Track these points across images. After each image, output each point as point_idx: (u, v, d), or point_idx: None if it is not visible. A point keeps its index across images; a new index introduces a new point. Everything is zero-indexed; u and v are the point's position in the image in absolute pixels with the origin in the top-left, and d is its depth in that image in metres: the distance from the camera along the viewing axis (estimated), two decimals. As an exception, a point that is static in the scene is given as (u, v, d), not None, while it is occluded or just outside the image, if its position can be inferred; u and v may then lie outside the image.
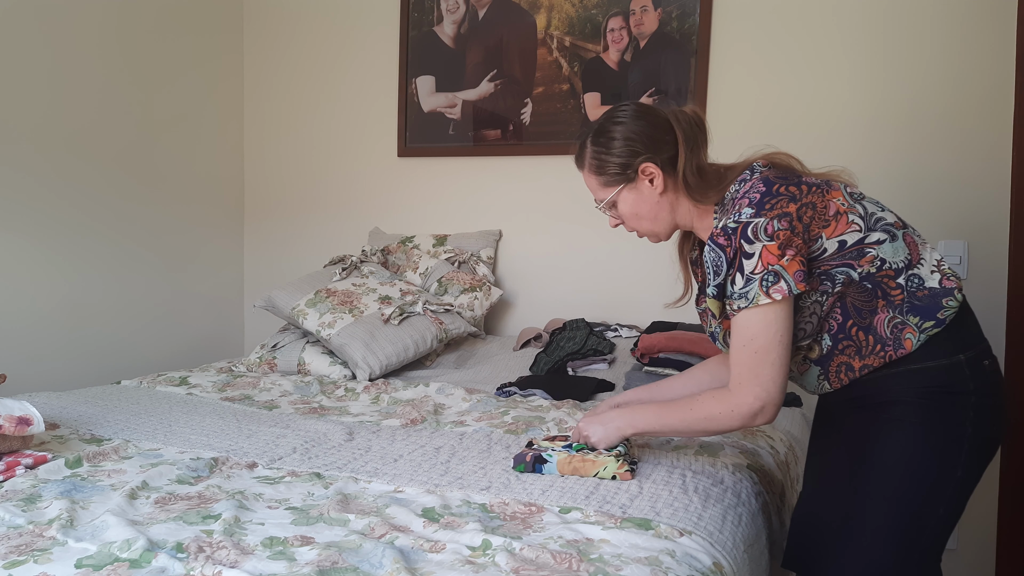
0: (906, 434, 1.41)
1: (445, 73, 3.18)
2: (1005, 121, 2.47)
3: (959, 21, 2.51)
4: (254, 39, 3.52)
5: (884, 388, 1.44)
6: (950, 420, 1.40)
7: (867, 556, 1.44)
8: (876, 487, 1.44)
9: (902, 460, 1.42)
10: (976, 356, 1.42)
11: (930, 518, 1.42)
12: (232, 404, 2.21)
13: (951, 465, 1.41)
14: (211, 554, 1.18)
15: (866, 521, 1.45)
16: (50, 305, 2.78)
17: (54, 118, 2.76)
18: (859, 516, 1.46)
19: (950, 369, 1.40)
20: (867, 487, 1.45)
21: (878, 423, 1.45)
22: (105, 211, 2.95)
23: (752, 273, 1.37)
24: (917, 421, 1.41)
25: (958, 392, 1.40)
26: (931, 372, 1.40)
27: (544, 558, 1.19)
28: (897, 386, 1.42)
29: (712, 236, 1.43)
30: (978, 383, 1.40)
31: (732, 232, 1.40)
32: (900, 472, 1.42)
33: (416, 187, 3.26)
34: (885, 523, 1.43)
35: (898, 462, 1.42)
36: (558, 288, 3.03)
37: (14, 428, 1.60)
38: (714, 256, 1.43)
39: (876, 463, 1.44)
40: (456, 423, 2.03)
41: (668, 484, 1.53)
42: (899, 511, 1.42)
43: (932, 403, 1.40)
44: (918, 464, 1.41)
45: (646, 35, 2.87)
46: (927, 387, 1.40)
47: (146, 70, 3.08)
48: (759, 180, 1.44)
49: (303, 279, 2.90)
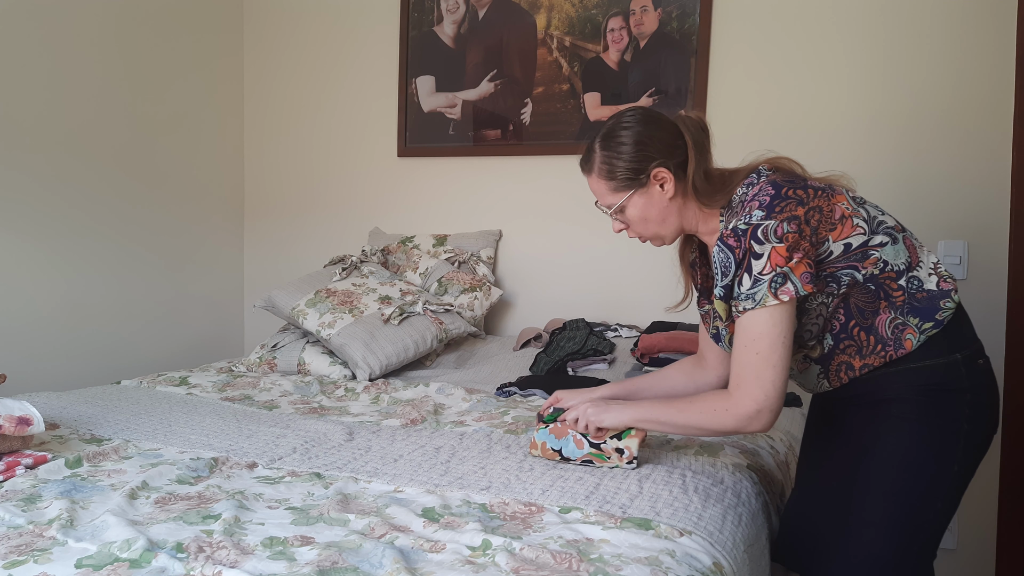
0: (904, 431, 1.44)
1: (445, 73, 3.18)
2: (1005, 121, 2.47)
3: (959, 21, 2.51)
4: (254, 39, 3.52)
5: (883, 386, 1.46)
6: (947, 416, 1.44)
7: (867, 550, 1.46)
8: (876, 483, 1.46)
9: (901, 456, 1.44)
10: (971, 355, 1.46)
11: (928, 512, 1.45)
12: (232, 404, 2.21)
13: (947, 460, 1.44)
14: (211, 554, 1.18)
15: (866, 516, 1.47)
16: (50, 305, 2.78)
17: (54, 118, 2.76)
18: (859, 511, 1.48)
19: (947, 367, 1.43)
20: (867, 483, 1.47)
21: (877, 420, 1.47)
22: (105, 211, 2.95)
23: (760, 274, 1.38)
24: (915, 418, 1.44)
25: (954, 389, 1.43)
26: (929, 370, 1.43)
27: (544, 558, 1.19)
28: (896, 384, 1.45)
29: (722, 237, 1.44)
30: (973, 381, 1.44)
31: (742, 234, 1.41)
32: (899, 468, 1.45)
33: (416, 187, 3.26)
34: (885, 518, 1.45)
35: (897, 458, 1.45)
36: (558, 288, 3.03)
37: (14, 428, 1.60)
38: (723, 257, 1.44)
39: (876, 459, 1.47)
40: (456, 423, 2.03)
41: (668, 484, 1.53)
42: (898, 506, 1.45)
43: (929, 400, 1.44)
44: (916, 460, 1.44)
45: (646, 35, 2.87)
46: (925, 385, 1.43)
47: (146, 70, 3.08)
48: (767, 183, 1.45)
49: (303, 279, 2.90)
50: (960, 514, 2.53)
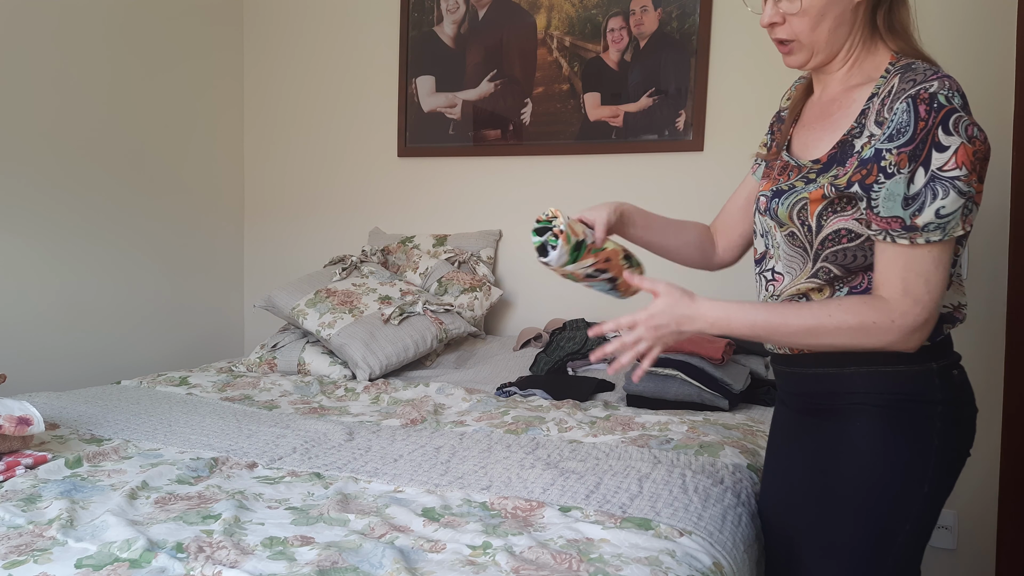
0: (870, 446, 1.29)
1: (445, 73, 3.18)
2: (1005, 121, 2.47)
3: (959, 22, 2.51)
4: (254, 39, 3.52)
5: (847, 386, 1.31)
6: (917, 432, 1.28)
7: (832, 571, 1.35)
8: (841, 501, 1.32)
9: (867, 475, 1.30)
10: (947, 366, 1.30)
11: (897, 535, 1.30)
12: (232, 404, 2.21)
13: (917, 480, 1.28)
14: (211, 554, 1.18)
15: (831, 535, 1.34)
16: (51, 305, 2.78)
17: (54, 120, 2.76)
18: (824, 529, 1.35)
19: (919, 376, 1.28)
20: (831, 500, 1.34)
21: (842, 434, 1.32)
22: (106, 211, 2.95)
23: (941, 170, 1.15)
24: (880, 433, 1.29)
25: (925, 401, 1.28)
26: (900, 376, 1.28)
27: (544, 558, 1.19)
28: (861, 387, 1.30)
29: (918, 96, 1.17)
30: (947, 393, 1.28)
31: (938, 109, 1.15)
32: (865, 486, 1.30)
33: (416, 187, 3.26)
34: (849, 541, 1.32)
35: (863, 477, 1.30)
36: (558, 288, 3.03)
37: (14, 428, 1.60)
38: (905, 119, 1.17)
39: (840, 476, 1.32)
40: (456, 423, 2.03)
41: (668, 484, 1.53)
42: (865, 526, 1.31)
43: (898, 413, 1.28)
44: (882, 479, 1.29)
45: (646, 35, 2.87)
46: (892, 393, 1.28)
47: (145, 70, 3.08)
48: (958, 85, 1.20)
49: (303, 279, 2.90)
50: (960, 514, 2.53)
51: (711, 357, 2.18)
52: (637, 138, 2.88)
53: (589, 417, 2.06)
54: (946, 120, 1.15)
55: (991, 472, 2.50)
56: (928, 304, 1.18)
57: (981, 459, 2.50)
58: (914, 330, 1.19)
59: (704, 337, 2.26)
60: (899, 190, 1.17)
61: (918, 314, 1.18)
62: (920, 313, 1.18)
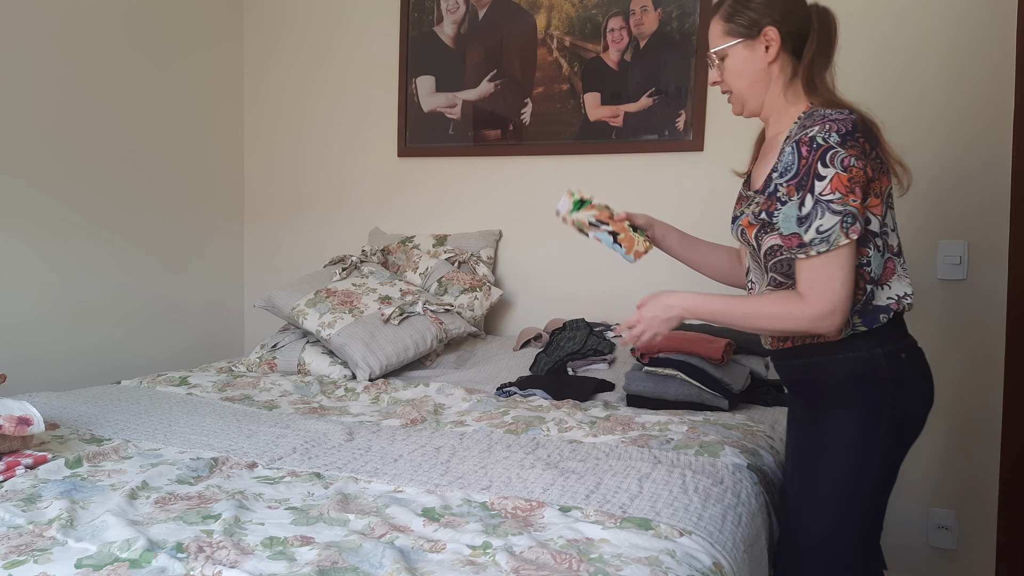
0: (834, 418, 1.57)
1: (445, 73, 3.18)
2: (1005, 121, 2.47)
3: (959, 22, 2.51)
4: (254, 39, 3.52)
5: (815, 377, 1.59)
6: (869, 404, 1.54)
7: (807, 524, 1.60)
8: (805, 468, 1.61)
9: (828, 442, 1.57)
10: (894, 350, 1.55)
11: (856, 496, 1.56)
12: (232, 404, 2.21)
13: (870, 448, 1.55)
14: (211, 554, 1.18)
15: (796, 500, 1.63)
16: (51, 305, 2.78)
17: (54, 121, 2.76)
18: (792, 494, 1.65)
19: (867, 360, 1.54)
20: (799, 468, 1.63)
21: (813, 412, 1.61)
22: (106, 211, 2.95)
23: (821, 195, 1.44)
24: (839, 406, 1.56)
25: (875, 380, 1.54)
26: (852, 362, 1.55)
27: (544, 558, 1.19)
28: (828, 375, 1.57)
29: (800, 140, 1.48)
30: (895, 372, 1.54)
31: (816, 148, 1.46)
32: (826, 454, 1.57)
33: (416, 187, 3.26)
34: (814, 500, 1.59)
35: (824, 444, 1.58)
36: (558, 288, 3.03)
37: (14, 428, 1.60)
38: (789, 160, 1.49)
39: (806, 447, 1.62)
40: (456, 423, 2.03)
41: (668, 484, 1.53)
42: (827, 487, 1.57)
43: (855, 390, 1.55)
44: (840, 445, 1.56)
45: (646, 35, 2.87)
46: (849, 375, 1.55)
47: (145, 70, 3.08)
48: (851, 119, 1.50)
49: (303, 279, 2.90)
50: (960, 514, 2.54)
51: (711, 357, 2.18)
52: (637, 138, 2.89)
53: (589, 417, 2.06)
54: (824, 156, 1.45)
55: (991, 472, 2.50)
56: (832, 298, 1.46)
57: (981, 459, 2.50)
58: (822, 317, 1.47)
59: (704, 337, 2.26)
60: (792, 213, 1.48)
61: (823, 306, 1.46)
62: (824, 305, 1.46)
